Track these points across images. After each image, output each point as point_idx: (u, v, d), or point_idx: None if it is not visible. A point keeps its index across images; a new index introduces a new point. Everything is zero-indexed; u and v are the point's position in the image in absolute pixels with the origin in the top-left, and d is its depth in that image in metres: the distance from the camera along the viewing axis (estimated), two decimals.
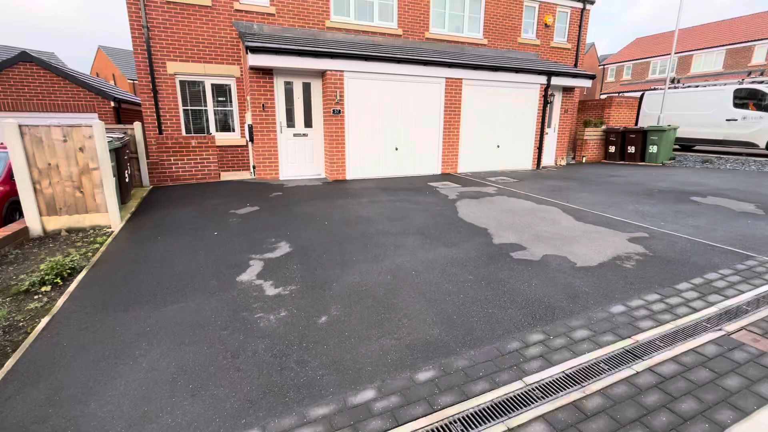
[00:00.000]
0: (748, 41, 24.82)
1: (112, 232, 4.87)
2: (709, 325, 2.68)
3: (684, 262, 3.77)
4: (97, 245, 4.38)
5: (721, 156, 12.04)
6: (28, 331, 2.70)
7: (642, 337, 2.55)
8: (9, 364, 2.32)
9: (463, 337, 2.55)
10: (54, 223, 4.82)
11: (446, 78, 9.07)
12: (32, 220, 4.68)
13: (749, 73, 15.12)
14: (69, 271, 3.58)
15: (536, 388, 2.09)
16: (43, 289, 3.31)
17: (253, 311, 2.89)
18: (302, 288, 3.26)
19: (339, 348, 2.44)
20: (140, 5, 8.05)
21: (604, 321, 2.74)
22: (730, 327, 2.64)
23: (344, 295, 3.14)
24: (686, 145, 13.93)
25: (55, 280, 3.42)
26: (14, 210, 5.60)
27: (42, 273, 3.45)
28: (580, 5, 12.89)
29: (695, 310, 2.89)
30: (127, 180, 6.39)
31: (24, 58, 9.46)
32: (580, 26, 13.08)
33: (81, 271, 3.66)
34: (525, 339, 2.52)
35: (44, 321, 2.79)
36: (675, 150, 13.33)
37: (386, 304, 2.98)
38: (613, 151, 12.52)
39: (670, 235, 4.58)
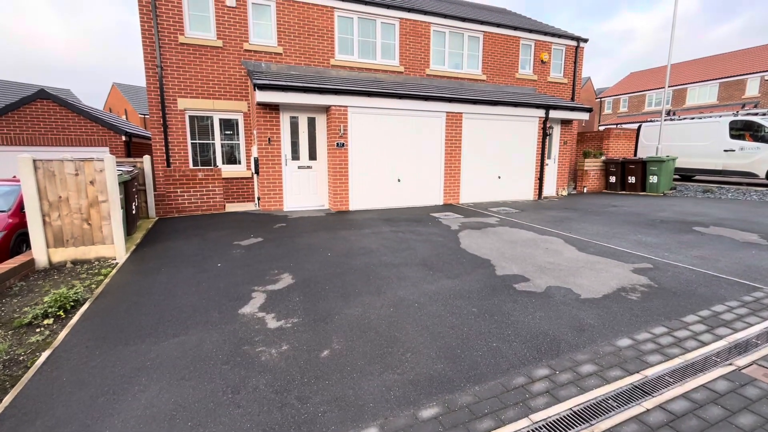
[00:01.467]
0: (741, 75, 25.57)
1: (117, 263, 4.91)
2: (719, 360, 2.62)
3: (690, 294, 3.73)
4: (102, 277, 4.41)
5: (722, 186, 12.11)
6: (29, 365, 2.68)
7: (651, 372, 2.49)
8: (7, 399, 2.30)
9: (467, 372, 2.50)
10: (60, 254, 4.88)
11: (447, 112, 9.35)
12: (39, 251, 4.73)
13: (743, 105, 15.47)
14: (72, 303, 3.59)
15: (543, 426, 2.03)
16: (46, 322, 3.31)
17: (255, 345, 2.86)
18: (304, 321, 3.24)
19: (341, 383, 2.40)
20: (155, 47, 8.50)
21: (611, 355, 2.69)
22: (741, 361, 2.58)
23: (346, 328, 3.11)
24: (686, 175, 14.06)
25: (58, 313, 3.43)
26: (22, 242, 5.66)
27: (45, 305, 3.46)
28: (574, 43, 13.46)
29: (704, 344, 2.83)
30: (134, 212, 6.49)
31: (41, 95, 9.88)
32: (575, 62, 13.59)
33: (84, 303, 3.67)
34: (530, 374, 2.47)
35: (45, 355, 2.78)
36: (675, 180, 13.45)
37: (389, 338, 2.94)
38: (613, 181, 12.64)
39: (674, 266, 4.56)
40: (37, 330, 3.19)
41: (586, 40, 13.57)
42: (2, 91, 16.20)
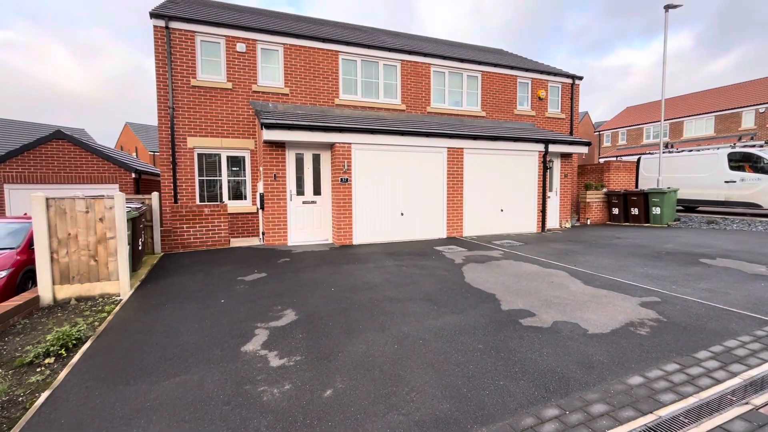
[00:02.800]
0: (736, 108, 26.17)
1: (121, 300, 4.90)
2: (734, 398, 2.53)
3: (700, 329, 3.65)
4: (105, 314, 4.40)
5: (726, 217, 12.08)
6: (27, 406, 2.64)
7: (664, 412, 2.41)
8: None
9: (474, 412, 2.43)
10: (65, 291, 4.90)
11: (448, 148, 9.58)
12: (44, 289, 4.76)
13: (740, 138, 15.75)
14: (74, 341, 3.57)
15: None
16: (47, 361, 3.28)
17: (257, 384, 2.81)
18: (307, 359, 3.19)
19: (344, 425, 2.33)
20: (168, 89, 8.93)
21: (623, 394, 2.61)
22: (757, 400, 2.49)
23: (350, 366, 3.05)
24: (689, 206, 14.08)
25: (60, 352, 3.40)
26: (28, 279, 5.70)
27: (47, 344, 3.44)
28: (569, 81, 13.96)
29: (718, 382, 2.75)
30: (140, 248, 6.56)
31: (58, 135, 10.28)
32: (571, 98, 14.04)
33: (86, 341, 3.64)
34: (539, 414, 2.40)
35: (44, 396, 2.73)
36: (679, 211, 13.44)
37: (393, 376, 2.88)
38: (616, 213, 12.66)
39: (682, 300, 4.49)
40: (38, 369, 3.16)
41: (581, 78, 14.08)
42: (21, 131, 16.88)
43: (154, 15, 8.83)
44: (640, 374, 2.85)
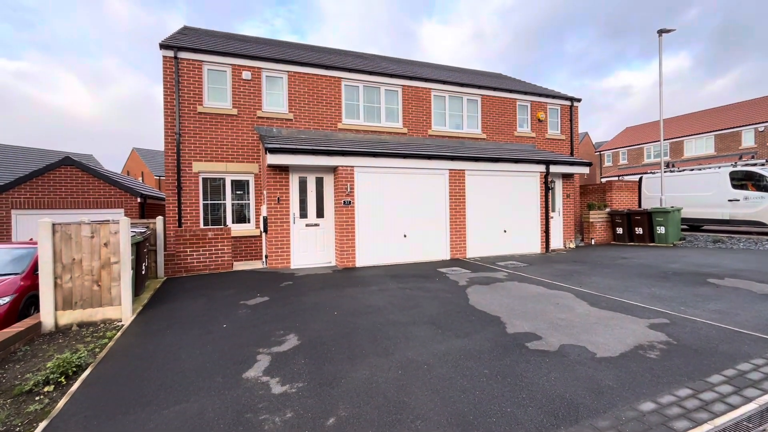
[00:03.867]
0: (736, 127, 26.39)
1: (122, 325, 4.87)
2: (751, 425, 2.45)
3: (712, 351, 3.56)
4: (106, 340, 4.36)
5: (732, 235, 11.98)
6: None
7: None
8: None
9: None
10: (67, 317, 4.87)
11: (449, 170, 9.67)
12: (47, 314, 4.74)
13: (740, 156, 15.81)
14: (74, 369, 3.52)
15: None
16: (46, 389, 3.23)
17: (258, 412, 2.75)
18: (310, 385, 3.13)
19: None
20: (176, 116, 9.16)
21: (635, 421, 2.53)
22: None
23: (353, 393, 2.99)
24: (694, 225, 13.99)
25: (59, 379, 3.36)
26: (31, 304, 5.68)
27: (47, 372, 3.40)
28: (568, 103, 14.21)
29: (733, 407, 2.66)
30: (143, 272, 6.56)
31: (66, 162, 10.48)
32: (570, 120, 14.24)
33: (86, 368, 3.60)
34: None
35: (42, 425, 2.68)
36: (684, 230, 13.35)
37: (397, 403, 2.81)
38: (621, 232, 12.58)
39: (692, 321, 4.40)
40: (37, 398, 3.11)
41: (579, 100, 14.33)
42: (31, 157, 17.26)
43: (163, 46, 9.17)
44: (652, 400, 2.77)
